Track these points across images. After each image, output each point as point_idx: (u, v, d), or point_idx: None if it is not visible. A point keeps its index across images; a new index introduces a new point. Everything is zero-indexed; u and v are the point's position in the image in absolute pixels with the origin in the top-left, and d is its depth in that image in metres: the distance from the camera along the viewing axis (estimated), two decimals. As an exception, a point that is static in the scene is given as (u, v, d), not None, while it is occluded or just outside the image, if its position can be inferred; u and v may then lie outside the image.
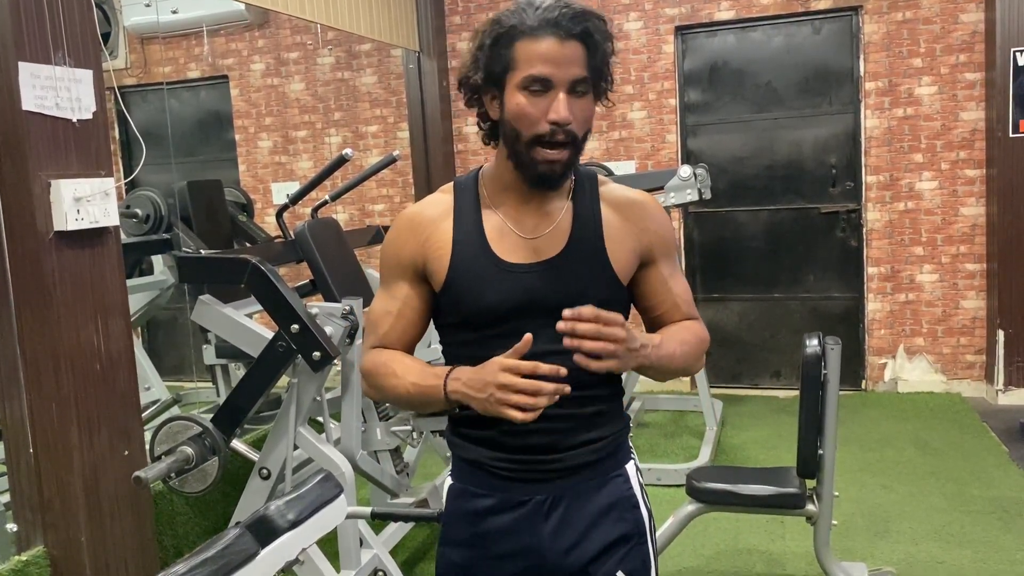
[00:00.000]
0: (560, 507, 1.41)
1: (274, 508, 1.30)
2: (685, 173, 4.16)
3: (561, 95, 1.30)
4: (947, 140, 5.04)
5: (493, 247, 1.39)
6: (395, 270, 1.45)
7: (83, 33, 2.48)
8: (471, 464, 1.45)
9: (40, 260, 2.35)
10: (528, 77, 1.30)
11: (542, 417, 1.38)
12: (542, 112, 1.30)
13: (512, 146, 1.35)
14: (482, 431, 1.42)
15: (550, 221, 1.40)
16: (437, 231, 1.41)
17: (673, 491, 3.58)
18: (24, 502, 2.49)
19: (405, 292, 1.45)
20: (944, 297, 5.15)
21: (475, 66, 1.36)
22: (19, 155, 2.32)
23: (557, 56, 1.29)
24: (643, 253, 1.43)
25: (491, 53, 1.33)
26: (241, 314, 2.81)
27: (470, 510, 1.45)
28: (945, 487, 3.76)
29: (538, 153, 1.32)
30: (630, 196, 1.46)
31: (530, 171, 1.34)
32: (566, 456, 1.40)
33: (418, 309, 1.45)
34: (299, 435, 2.65)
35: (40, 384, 2.40)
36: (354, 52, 6.10)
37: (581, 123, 1.33)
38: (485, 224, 1.40)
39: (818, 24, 5.24)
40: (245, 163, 6.44)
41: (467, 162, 5.87)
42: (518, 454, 1.40)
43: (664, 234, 1.46)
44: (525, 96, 1.31)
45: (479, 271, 1.37)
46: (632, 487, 1.47)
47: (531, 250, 1.38)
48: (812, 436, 2.59)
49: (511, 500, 1.42)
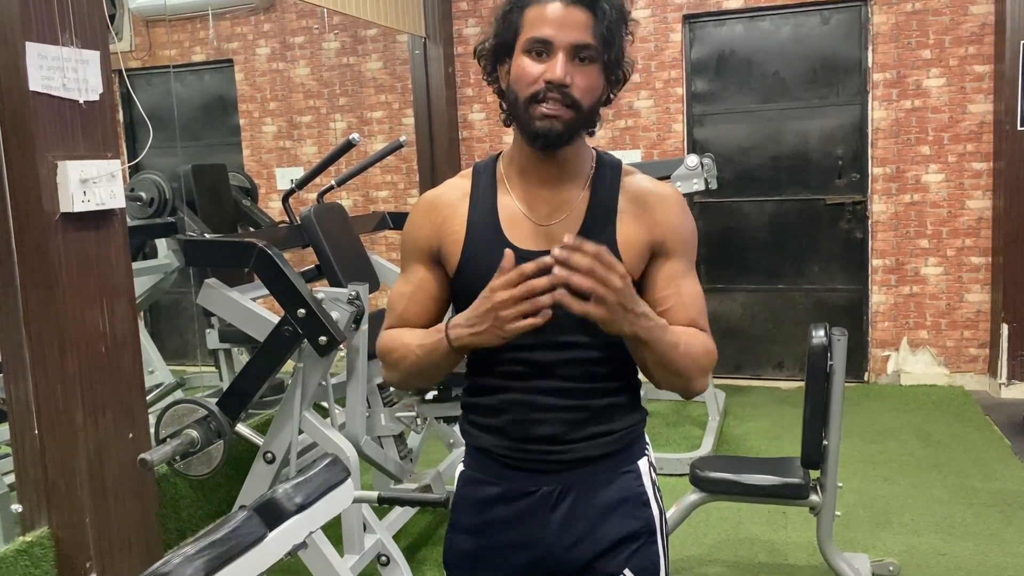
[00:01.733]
0: (567, 499, 1.39)
1: (282, 491, 1.30)
2: (692, 162, 4.14)
3: (560, 56, 1.27)
4: (955, 132, 5.02)
5: (506, 232, 1.37)
6: (412, 253, 1.45)
7: (91, 14, 2.47)
8: (481, 452, 1.45)
9: (46, 241, 2.34)
10: (530, 39, 1.29)
11: (553, 407, 1.37)
12: (540, 73, 1.28)
13: (514, 111, 1.33)
14: (492, 419, 1.41)
15: (566, 208, 1.37)
16: (454, 215, 1.40)
17: (675, 480, 3.58)
18: (29, 483, 2.50)
19: (420, 275, 1.44)
20: (948, 290, 5.14)
21: (491, 35, 1.36)
22: (26, 136, 2.31)
23: (559, 19, 1.27)
24: (654, 245, 1.38)
25: (504, 21, 1.33)
26: (247, 298, 2.80)
27: (479, 498, 1.44)
28: (947, 479, 3.76)
29: (534, 109, 1.29)
30: (652, 188, 1.41)
31: (528, 130, 1.31)
32: (575, 448, 1.38)
33: (432, 293, 1.43)
34: (304, 420, 2.65)
35: (45, 365, 2.40)
36: (360, 37, 6.07)
37: (583, 90, 1.29)
38: (500, 209, 1.39)
39: (827, 14, 5.22)
40: (249, 147, 6.43)
41: (472, 149, 5.86)
42: (526, 443, 1.39)
43: (681, 230, 1.40)
44: (527, 58, 1.30)
45: (491, 256, 1.36)
46: (643, 484, 1.44)
47: (544, 237, 1.36)
48: (817, 427, 2.59)
49: (519, 490, 1.40)
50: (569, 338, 1.34)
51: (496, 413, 1.40)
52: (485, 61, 1.39)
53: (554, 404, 1.36)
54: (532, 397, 1.37)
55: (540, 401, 1.37)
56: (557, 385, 1.36)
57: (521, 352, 1.34)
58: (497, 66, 1.37)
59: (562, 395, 1.36)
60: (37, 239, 2.35)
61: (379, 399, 3.08)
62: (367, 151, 5.65)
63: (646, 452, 1.48)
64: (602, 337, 1.33)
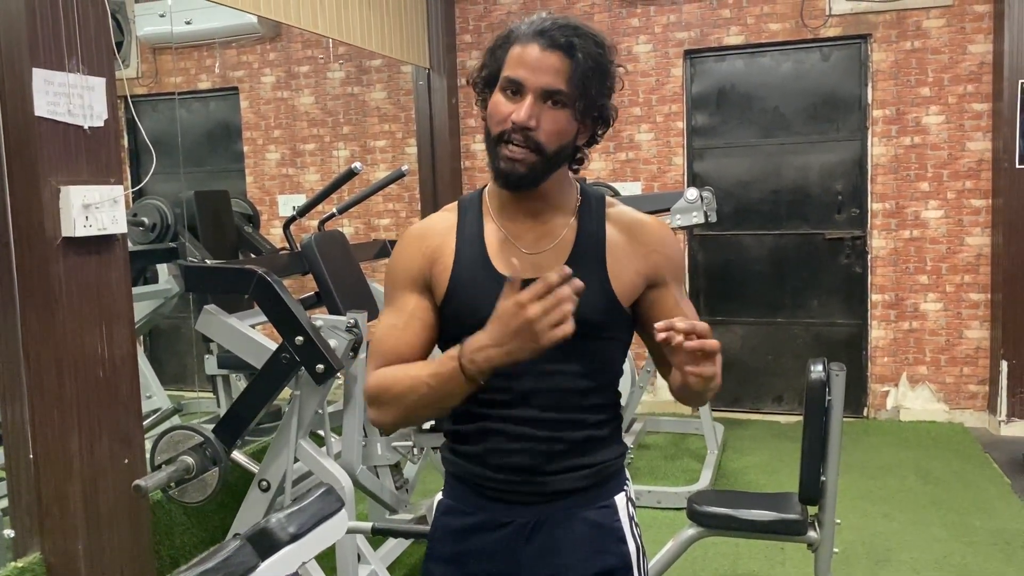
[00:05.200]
0: (541, 532, 1.38)
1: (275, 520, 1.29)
2: (692, 195, 4.16)
3: (528, 99, 1.30)
4: (954, 169, 5.04)
5: (493, 261, 1.38)
6: (403, 283, 1.43)
7: (98, 41, 2.50)
8: (460, 480, 1.44)
9: (47, 265, 2.35)
10: (505, 77, 1.33)
11: (529, 437, 1.36)
12: (510, 112, 1.31)
13: (487, 144, 1.37)
14: (471, 446, 1.41)
15: (552, 237, 1.39)
16: (443, 244, 1.42)
17: (673, 514, 3.56)
18: (22, 507, 2.48)
19: (413, 304, 1.41)
20: (948, 326, 5.14)
21: (480, 66, 1.40)
22: (30, 160, 2.33)
23: (534, 62, 1.30)
24: (650, 275, 1.40)
25: (493, 54, 1.37)
26: (246, 325, 2.80)
27: (455, 527, 1.44)
28: (947, 517, 3.73)
29: (500, 149, 1.32)
30: (638, 218, 1.44)
31: (494, 167, 1.35)
32: (551, 480, 1.37)
33: (426, 321, 1.41)
34: (300, 448, 2.64)
35: (43, 389, 2.40)
36: (364, 67, 6.13)
37: (549, 134, 1.31)
38: (487, 238, 1.40)
39: (827, 51, 5.27)
40: (253, 174, 6.47)
41: (474, 179, 5.89)
42: (501, 473, 1.38)
43: (673, 257, 1.44)
44: (502, 95, 1.33)
45: (479, 284, 1.37)
46: (619, 519, 1.42)
47: (531, 265, 1.36)
48: (815, 462, 2.57)
49: (494, 520, 1.40)
50: (553, 366, 1.34)
51: (475, 440, 1.40)
52: (477, 88, 1.42)
53: (531, 434, 1.36)
54: (510, 426, 1.37)
55: (517, 431, 1.37)
56: (535, 415, 1.36)
57: (502, 380, 1.32)
58: (487, 95, 1.40)
59: (539, 425, 1.36)
60: (38, 263, 2.36)
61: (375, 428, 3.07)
62: (370, 179, 5.68)
63: (624, 487, 1.47)
64: (586, 366, 1.35)
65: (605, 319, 1.36)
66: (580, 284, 1.17)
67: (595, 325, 1.34)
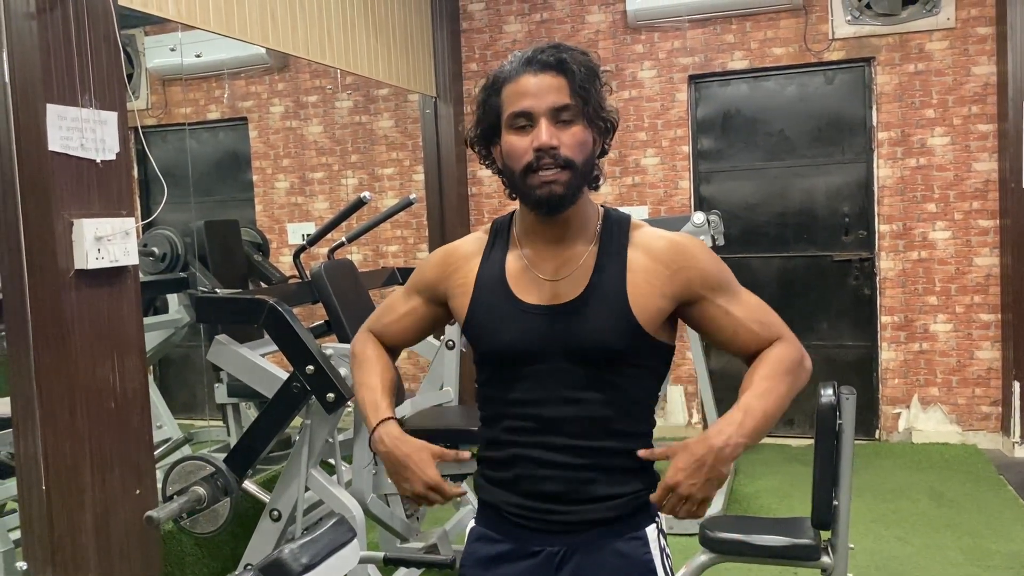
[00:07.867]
0: (571, 563, 1.38)
1: (288, 552, 1.30)
2: (699, 219, 4.17)
3: (542, 122, 1.31)
4: (960, 190, 5.05)
5: (512, 287, 1.40)
6: (417, 285, 1.55)
7: (110, 76, 2.54)
8: (491, 508, 1.45)
9: (60, 297, 2.38)
10: (511, 115, 1.34)
11: (558, 464, 1.37)
12: (529, 144, 1.32)
13: (513, 185, 1.37)
14: (502, 472, 1.42)
15: (572, 264, 1.39)
16: (465, 266, 1.46)
17: (685, 540, 3.53)
18: (35, 540, 2.49)
19: (414, 305, 1.55)
20: (959, 347, 5.12)
21: (476, 123, 1.41)
22: (43, 194, 2.36)
23: (532, 88, 1.32)
24: (681, 294, 1.38)
25: (485, 106, 1.39)
26: (257, 354, 2.82)
27: (485, 555, 1.44)
28: (962, 540, 3.70)
29: (532, 179, 1.33)
30: (662, 238, 1.42)
31: (531, 200, 1.35)
32: (581, 509, 1.37)
33: (418, 324, 1.56)
34: (311, 477, 2.64)
35: (55, 421, 2.41)
36: (372, 96, 6.19)
37: (573, 148, 1.33)
38: (508, 264, 1.42)
39: (831, 74, 5.30)
40: (262, 203, 6.51)
41: (481, 205, 5.92)
42: (531, 500, 1.39)
43: (706, 267, 1.41)
44: (513, 134, 1.34)
45: (497, 309, 1.39)
46: (650, 552, 1.41)
47: (550, 292, 1.38)
48: (827, 487, 2.56)
49: (524, 549, 1.40)
50: (579, 394, 1.35)
51: (506, 467, 1.41)
52: (478, 147, 1.44)
53: (560, 461, 1.36)
54: (539, 453, 1.37)
55: (547, 457, 1.37)
56: (565, 442, 1.36)
57: (529, 407, 1.35)
58: (490, 149, 1.42)
59: (569, 452, 1.36)
60: (51, 295, 2.38)
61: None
62: (378, 207, 5.72)
63: (656, 519, 1.46)
64: (608, 394, 1.35)
65: (626, 347, 1.35)
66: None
67: (615, 353, 1.34)
